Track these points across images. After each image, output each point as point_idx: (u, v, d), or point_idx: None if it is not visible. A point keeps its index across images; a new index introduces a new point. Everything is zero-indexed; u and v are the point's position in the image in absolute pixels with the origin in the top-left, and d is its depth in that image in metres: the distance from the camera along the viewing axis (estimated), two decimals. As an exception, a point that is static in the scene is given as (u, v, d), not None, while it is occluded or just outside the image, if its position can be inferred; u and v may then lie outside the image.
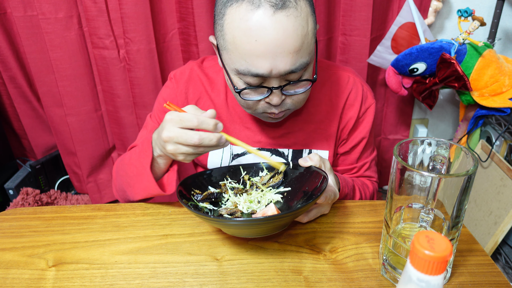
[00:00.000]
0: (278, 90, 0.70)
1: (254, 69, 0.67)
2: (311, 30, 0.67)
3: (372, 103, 0.90)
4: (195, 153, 0.67)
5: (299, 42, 0.65)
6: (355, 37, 1.44)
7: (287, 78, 0.69)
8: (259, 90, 0.71)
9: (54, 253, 0.67)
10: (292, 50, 0.65)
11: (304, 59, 0.68)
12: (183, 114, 0.65)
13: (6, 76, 1.49)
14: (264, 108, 0.75)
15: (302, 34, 0.65)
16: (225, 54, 0.71)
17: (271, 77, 0.68)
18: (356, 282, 0.61)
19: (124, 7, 1.32)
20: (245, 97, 0.73)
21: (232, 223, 0.60)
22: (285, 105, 0.75)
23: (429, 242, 0.36)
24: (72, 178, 1.69)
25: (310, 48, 0.69)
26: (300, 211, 0.60)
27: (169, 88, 0.90)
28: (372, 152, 0.97)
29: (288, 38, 0.64)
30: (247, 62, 0.66)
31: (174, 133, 0.65)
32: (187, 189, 0.72)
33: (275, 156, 0.89)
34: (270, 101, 0.72)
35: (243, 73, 0.68)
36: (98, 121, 1.57)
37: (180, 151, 0.66)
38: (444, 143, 0.58)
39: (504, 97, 1.26)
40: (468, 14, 1.23)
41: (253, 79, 0.68)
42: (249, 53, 0.65)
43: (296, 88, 0.73)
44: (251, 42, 0.64)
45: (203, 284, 0.61)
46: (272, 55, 0.65)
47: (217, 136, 0.65)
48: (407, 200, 0.57)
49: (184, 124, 0.65)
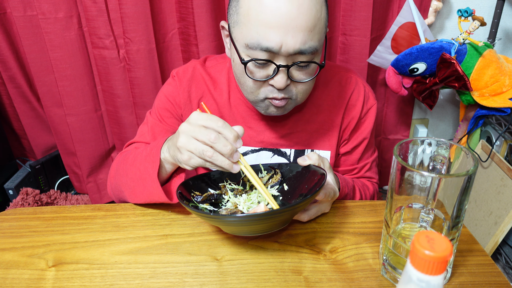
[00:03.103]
0: (284, 70, 0.69)
1: (265, 42, 0.66)
2: (323, 18, 0.69)
3: (373, 104, 0.90)
4: (202, 157, 0.63)
5: (312, 22, 0.66)
6: (355, 37, 1.44)
7: (295, 59, 0.69)
8: (265, 69, 0.71)
9: (54, 253, 0.67)
10: (304, 27, 0.65)
11: (314, 43, 0.68)
12: (211, 115, 0.64)
13: (6, 76, 1.49)
14: (267, 93, 0.74)
15: (316, 15, 0.66)
16: (236, 30, 0.70)
17: (280, 54, 0.67)
18: (356, 282, 0.61)
19: (124, 7, 1.32)
20: (251, 75, 0.72)
21: (232, 220, 0.60)
22: (289, 92, 0.74)
23: (429, 242, 0.36)
24: (72, 178, 1.69)
25: (321, 34, 0.69)
26: (299, 205, 0.59)
27: (171, 85, 0.89)
28: (373, 153, 0.97)
29: (301, 14, 0.65)
30: (259, 34, 0.66)
31: (193, 127, 0.63)
32: (187, 190, 0.72)
33: (278, 156, 0.89)
34: (275, 83, 0.71)
35: (253, 47, 0.68)
36: (98, 121, 1.57)
37: (190, 146, 0.63)
38: (444, 143, 0.58)
39: (504, 97, 1.26)
40: (468, 14, 1.23)
41: (262, 54, 0.68)
42: (261, 24, 0.65)
43: (302, 73, 0.72)
44: (265, 12, 0.65)
45: (203, 284, 0.61)
46: (284, 28, 0.65)
47: (233, 147, 0.62)
48: (407, 200, 0.57)
49: (208, 122, 0.63)
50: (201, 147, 0.62)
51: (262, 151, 0.89)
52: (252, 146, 0.89)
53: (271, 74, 0.71)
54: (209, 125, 0.63)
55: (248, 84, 0.74)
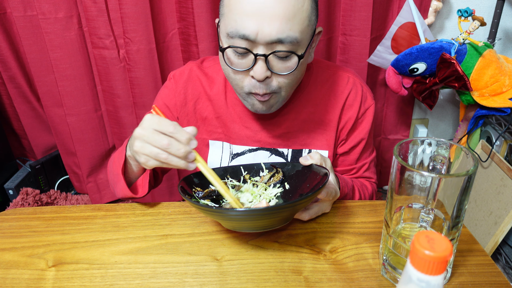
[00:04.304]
0: (263, 58, 0.69)
1: (242, 30, 0.67)
2: (306, 10, 0.68)
3: (371, 104, 0.90)
4: (158, 160, 0.65)
5: (290, 11, 0.66)
6: (355, 37, 1.44)
7: (274, 48, 0.69)
8: (244, 59, 0.71)
9: (54, 253, 0.67)
10: (282, 15, 0.66)
11: (293, 33, 0.68)
12: (163, 118, 0.65)
13: (6, 76, 1.49)
14: (250, 88, 0.74)
15: (295, 5, 0.66)
16: (222, 22, 0.72)
17: (257, 42, 0.68)
18: (356, 282, 0.61)
19: (124, 7, 1.32)
20: (231, 65, 0.73)
21: (233, 214, 0.60)
22: (270, 87, 0.73)
23: (429, 242, 0.36)
24: (72, 178, 1.69)
25: (302, 26, 0.69)
26: (301, 202, 0.59)
27: (168, 88, 0.90)
28: (371, 153, 0.97)
29: (279, 2, 0.65)
30: (236, 22, 0.67)
31: (146, 132, 0.65)
32: (189, 186, 0.72)
33: (275, 156, 0.89)
34: (254, 73, 0.71)
35: (232, 35, 0.69)
36: (98, 121, 1.57)
37: (145, 150, 0.66)
38: (444, 143, 0.58)
39: (504, 97, 1.26)
40: (468, 14, 1.23)
41: (240, 42, 0.68)
42: (239, 12, 0.67)
43: (283, 65, 0.72)
44: (244, 0, 0.66)
45: (203, 284, 0.61)
46: (261, 16, 0.65)
47: (186, 149, 0.64)
48: (407, 200, 0.57)
49: (160, 127, 0.64)
50: (156, 151, 0.64)
51: (259, 151, 0.89)
52: (249, 146, 0.89)
53: (251, 64, 0.71)
54: (161, 129, 0.64)
55: (231, 76, 0.75)
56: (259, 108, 0.78)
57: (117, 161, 0.79)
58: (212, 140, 0.89)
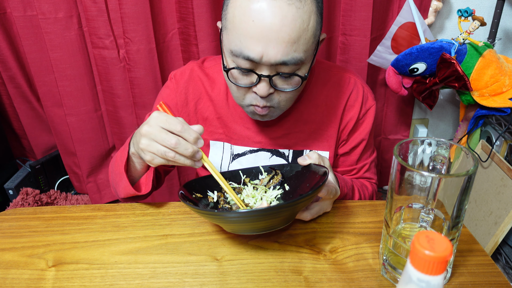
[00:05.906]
0: (266, 79, 0.69)
1: (246, 51, 0.66)
2: (311, 27, 0.67)
3: (372, 104, 0.90)
4: (164, 158, 0.65)
5: (296, 34, 0.65)
6: (355, 37, 1.44)
7: (278, 69, 0.69)
8: (248, 77, 0.71)
9: (54, 253, 0.67)
10: (287, 39, 0.65)
11: (298, 54, 0.67)
12: (170, 116, 0.65)
13: (5, 76, 1.49)
14: (251, 100, 0.74)
15: (300, 27, 0.65)
16: (224, 35, 0.71)
17: (262, 64, 0.67)
18: (356, 282, 0.61)
19: (124, 7, 1.32)
20: (234, 81, 0.72)
21: (233, 216, 0.60)
22: (271, 101, 0.74)
23: (429, 242, 0.36)
24: (72, 178, 1.69)
25: (307, 45, 0.68)
26: (301, 201, 0.59)
27: (169, 88, 0.89)
28: (372, 154, 0.97)
29: (284, 26, 0.64)
30: (241, 43, 0.66)
31: (154, 129, 0.65)
32: (189, 192, 0.72)
33: (276, 157, 0.89)
34: (258, 90, 0.71)
35: (236, 54, 0.68)
36: (98, 121, 1.57)
37: (151, 148, 0.65)
38: (444, 143, 0.58)
39: (504, 97, 1.26)
40: (468, 14, 1.23)
41: (244, 62, 0.68)
42: (244, 33, 0.65)
43: (285, 84, 0.72)
44: (248, 22, 0.64)
45: (203, 284, 0.61)
46: (266, 39, 0.64)
47: (194, 149, 0.64)
48: (407, 200, 0.57)
49: (167, 125, 0.64)
50: (163, 149, 0.64)
51: (260, 152, 0.89)
52: (250, 147, 0.89)
53: (254, 81, 0.71)
54: (168, 128, 0.64)
55: (234, 89, 0.75)
56: (258, 117, 0.79)
57: (120, 159, 0.79)
58: (213, 140, 0.89)
